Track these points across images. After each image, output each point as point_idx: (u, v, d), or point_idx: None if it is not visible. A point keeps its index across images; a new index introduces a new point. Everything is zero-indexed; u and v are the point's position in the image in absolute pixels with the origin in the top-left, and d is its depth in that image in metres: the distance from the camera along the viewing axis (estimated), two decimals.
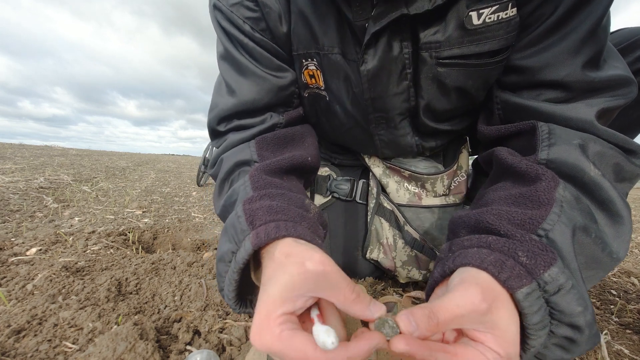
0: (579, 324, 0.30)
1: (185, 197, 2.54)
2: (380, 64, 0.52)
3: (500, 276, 0.29)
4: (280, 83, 0.59)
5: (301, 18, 0.54)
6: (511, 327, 0.28)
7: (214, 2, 0.57)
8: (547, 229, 0.34)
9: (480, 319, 0.27)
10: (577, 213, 0.36)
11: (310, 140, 0.65)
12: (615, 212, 0.38)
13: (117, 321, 0.61)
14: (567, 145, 0.41)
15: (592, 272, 0.38)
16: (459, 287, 0.29)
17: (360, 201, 0.80)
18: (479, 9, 0.45)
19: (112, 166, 5.06)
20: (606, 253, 0.37)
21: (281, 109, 0.62)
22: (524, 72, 0.48)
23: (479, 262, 0.31)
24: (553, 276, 0.29)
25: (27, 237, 1.15)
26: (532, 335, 0.30)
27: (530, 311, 0.29)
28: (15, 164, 3.59)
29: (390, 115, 0.60)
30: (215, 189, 0.59)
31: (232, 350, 0.56)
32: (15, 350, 0.52)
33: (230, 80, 0.59)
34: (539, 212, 0.35)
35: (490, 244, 0.34)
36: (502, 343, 0.27)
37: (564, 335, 0.31)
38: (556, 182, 0.38)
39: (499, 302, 0.28)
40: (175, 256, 0.99)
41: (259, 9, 0.54)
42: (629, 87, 0.44)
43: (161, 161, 9.37)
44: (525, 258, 0.31)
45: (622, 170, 0.42)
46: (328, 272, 0.29)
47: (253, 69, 0.57)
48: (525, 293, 0.29)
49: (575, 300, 0.30)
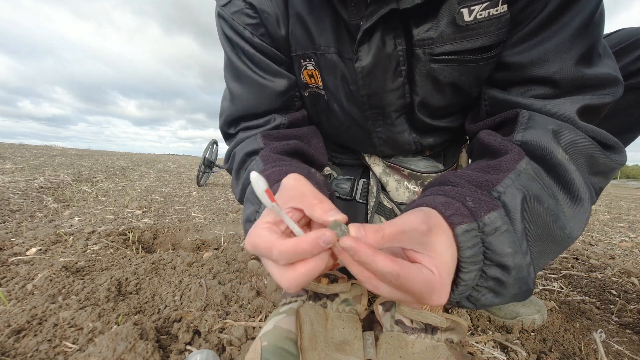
0: (507, 264, 0.34)
1: (185, 197, 2.54)
2: (375, 61, 0.53)
3: (445, 212, 0.34)
4: (279, 88, 0.61)
5: (298, 20, 0.56)
6: (447, 253, 0.32)
7: (218, 11, 0.60)
8: (500, 191, 0.38)
9: (421, 239, 0.31)
10: (535, 184, 0.39)
11: (315, 141, 0.69)
12: (575, 194, 0.40)
13: (117, 321, 0.61)
14: (542, 130, 0.42)
15: (545, 244, 0.40)
16: (409, 211, 0.35)
17: (361, 200, 0.80)
18: (470, 5, 0.46)
19: (112, 166, 5.06)
20: (558, 226, 0.39)
21: (284, 111, 0.65)
22: (514, 69, 0.49)
23: (430, 202, 0.37)
24: (492, 219, 0.34)
25: (27, 237, 1.15)
26: (464, 268, 0.34)
27: (465, 245, 0.33)
28: (15, 164, 3.59)
29: (387, 111, 0.61)
30: (232, 180, 0.65)
31: (232, 350, 0.56)
32: (15, 350, 0.52)
33: (232, 87, 0.63)
34: (497, 176, 0.39)
35: (446, 191, 0.39)
36: (436, 264, 0.31)
37: (493, 275, 0.35)
38: (521, 156, 0.41)
39: (439, 229, 0.32)
40: (175, 256, 0.99)
41: (258, 15, 0.57)
42: (616, 87, 0.45)
43: (161, 161, 9.37)
44: (472, 203, 0.36)
45: (597, 162, 0.43)
46: (298, 186, 0.36)
47: (252, 75, 0.60)
48: (464, 229, 0.33)
49: (507, 243, 0.34)
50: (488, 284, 0.36)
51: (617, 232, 2.21)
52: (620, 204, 4.87)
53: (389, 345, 0.51)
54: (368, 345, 0.51)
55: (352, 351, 0.50)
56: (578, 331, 0.70)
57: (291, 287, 0.29)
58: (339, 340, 0.51)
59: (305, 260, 0.29)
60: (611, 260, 1.37)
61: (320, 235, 0.28)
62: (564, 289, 0.97)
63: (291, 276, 0.29)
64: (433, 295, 0.30)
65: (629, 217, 3.18)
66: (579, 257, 1.35)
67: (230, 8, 0.57)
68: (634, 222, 2.76)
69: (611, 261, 1.35)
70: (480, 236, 0.34)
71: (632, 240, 1.93)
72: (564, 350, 0.63)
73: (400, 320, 0.54)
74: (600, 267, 1.23)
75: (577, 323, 0.74)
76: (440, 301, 0.31)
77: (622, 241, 1.87)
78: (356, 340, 0.51)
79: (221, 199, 2.58)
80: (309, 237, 0.28)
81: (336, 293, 0.59)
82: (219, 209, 2.08)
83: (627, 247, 1.71)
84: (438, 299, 0.31)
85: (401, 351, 0.50)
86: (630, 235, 2.09)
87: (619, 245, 1.75)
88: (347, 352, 0.49)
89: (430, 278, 0.30)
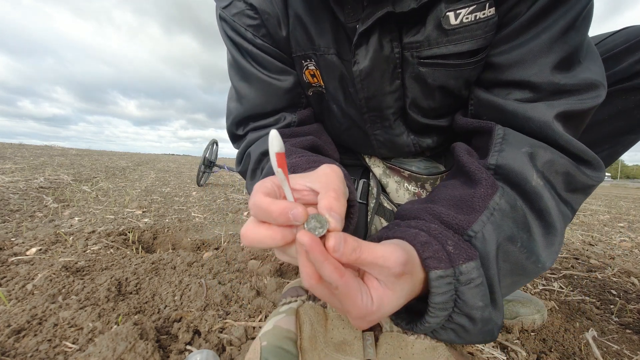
0: (475, 316, 0.35)
1: (185, 197, 2.54)
2: (372, 64, 0.53)
3: (423, 254, 0.34)
4: (285, 86, 0.61)
5: (298, 21, 0.56)
6: (400, 297, 0.32)
7: (219, 13, 0.60)
8: (471, 235, 0.38)
9: (388, 278, 0.31)
10: (508, 222, 0.39)
11: (325, 137, 0.70)
12: (549, 222, 0.40)
13: (117, 321, 0.61)
14: (516, 152, 0.42)
15: (516, 277, 0.41)
16: (393, 245, 0.33)
17: (361, 201, 0.80)
18: (456, 9, 0.46)
19: (112, 166, 5.06)
20: (531, 261, 0.40)
21: (292, 109, 0.65)
22: (496, 69, 0.49)
23: (411, 238, 0.36)
24: (469, 269, 0.34)
25: (27, 237, 1.15)
26: (431, 313, 0.34)
27: (437, 291, 0.33)
28: (15, 164, 3.59)
29: (385, 114, 0.61)
30: (247, 179, 0.65)
31: (232, 350, 0.56)
32: (15, 350, 0.52)
33: (238, 86, 0.63)
34: (469, 217, 0.39)
35: (430, 229, 0.38)
36: (383, 300, 0.30)
37: (459, 323, 0.36)
38: (494, 189, 0.41)
39: (410, 276, 0.32)
40: (175, 256, 0.99)
41: (259, 16, 0.57)
42: (597, 91, 0.44)
43: (161, 161, 9.37)
44: (452, 248, 0.35)
45: (574, 180, 0.43)
46: (331, 176, 0.35)
47: (258, 74, 0.60)
48: (439, 275, 0.33)
49: (479, 296, 0.35)
50: (453, 326, 0.37)
51: (617, 232, 2.21)
52: (620, 204, 4.87)
53: (389, 345, 0.51)
54: (368, 345, 0.51)
55: (351, 351, 0.50)
56: (578, 331, 0.70)
57: (244, 238, 0.30)
58: (339, 340, 0.51)
59: (269, 226, 0.30)
60: (611, 260, 1.37)
61: (292, 207, 0.28)
62: (564, 289, 0.97)
63: (250, 229, 0.30)
64: (360, 321, 0.31)
65: (629, 217, 3.18)
66: (579, 257, 1.35)
67: (231, 10, 0.57)
68: (634, 222, 2.76)
69: (611, 261, 1.35)
70: (455, 284, 0.34)
71: (632, 240, 1.93)
72: (564, 350, 0.63)
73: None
74: (600, 267, 1.23)
75: (577, 323, 0.74)
76: (363, 327, 0.32)
77: (622, 241, 1.87)
78: (356, 341, 0.51)
79: (221, 199, 2.58)
80: (282, 204, 0.28)
81: None
82: (219, 209, 2.08)
83: (627, 247, 1.71)
84: (362, 325, 0.31)
85: (401, 351, 0.50)
86: (630, 235, 2.08)
87: (619, 245, 1.75)
88: (347, 352, 0.49)
89: (366, 307, 0.30)
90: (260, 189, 0.31)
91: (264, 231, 0.30)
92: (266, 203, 0.29)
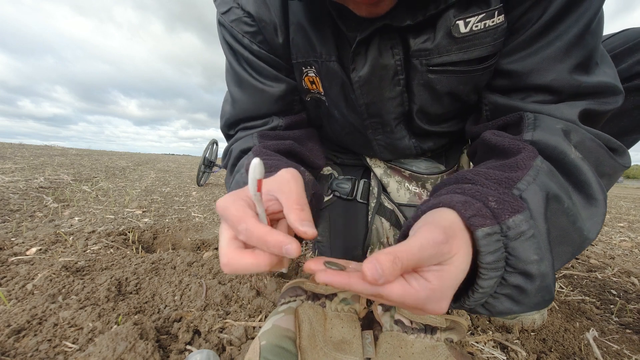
0: (532, 271, 0.31)
1: (185, 197, 2.54)
2: (371, 71, 0.53)
3: (465, 213, 0.31)
4: (278, 93, 0.63)
5: (300, 29, 0.56)
6: (460, 263, 0.29)
7: (218, 18, 0.61)
8: (521, 189, 0.35)
9: (439, 259, 0.28)
10: (553, 183, 0.37)
11: (312, 144, 0.70)
12: (590, 194, 0.39)
13: (117, 321, 0.61)
14: (551, 129, 0.42)
15: (564, 247, 0.38)
16: (422, 230, 0.30)
17: (361, 200, 0.81)
18: (466, 17, 0.46)
19: (112, 166, 5.06)
20: (576, 227, 0.38)
21: (281, 115, 0.66)
22: (512, 76, 0.49)
23: (448, 201, 0.33)
24: (517, 222, 0.31)
25: (27, 236, 1.15)
26: (483, 275, 0.31)
27: (486, 250, 0.30)
28: (15, 164, 3.59)
29: (386, 120, 0.61)
30: (226, 175, 0.67)
31: (232, 350, 0.56)
32: (15, 350, 0.52)
33: (233, 91, 0.65)
34: (516, 174, 0.37)
35: (465, 190, 0.36)
36: (439, 275, 0.28)
37: (515, 283, 0.32)
38: (535, 154, 0.39)
39: (455, 239, 0.29)
40: (175, 256, 0.99)
41: (256, 24, 0.58)
42: (616, 97, 0.44)
43: (161, 161, 9.38)
44: (494, 203, 0.32)
45: (603, 163, 0.43)
46: (291, 183, 0.36)
47: (251, 81, 0.61)
48: (485, 233, 0.30)
49: (533, 249, 0.31)
50: (507, 291, 0.33)
51: (617, 232, 2.21)
52: (620, 204, 4.87)
53: (389, 344, 0.51)
54: (367, 344, 0.51)
55: (351, 350, 0.50)
56: (578, 331, 0.70)
57: (226, 267, 0.30)
58: (338, 339, 0.52)
59: (253, 253, 0.30)
60: (611, 260, 1.37)
61: (287, 242, 0.28)
62: (564, 289, 0.97)
63: (234, 258, 0.30)
64: (428, 305, 0.28)
65: (629, 217, 3.18)
66: (579, 257, 1.35)
67: (229, 16, 0.58)
68: (634, 222, 2.76)
69: (611, 261, 1.35)
70: (504, 241, 0.31)
71: (632, 240, 1.93)
72: (564, 350, 0.63)
73: (399, 320, 0.54)
74: (600, 267, 1.23)
75: (577, 323, 0.74)
76: (437, 311, 0.29)
77: (622, 241, 1.87)
78: (355, 340, 0.51)
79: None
80: (278, 236, 0.28)
81: (335, 292, 0.59)
82: None
83: (627, 247, 1.71)
84: (433, 310, 0.29)
85: (401, 351, 0.50)
86: (630, 235, 2.08)
87: (619, 245, 1.75)
88: (346, 351, 0.49)
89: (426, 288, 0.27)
90: (246, 210, 0.31)
91: (249, 259, 0.30)
92: (261, 231, 0.29)
